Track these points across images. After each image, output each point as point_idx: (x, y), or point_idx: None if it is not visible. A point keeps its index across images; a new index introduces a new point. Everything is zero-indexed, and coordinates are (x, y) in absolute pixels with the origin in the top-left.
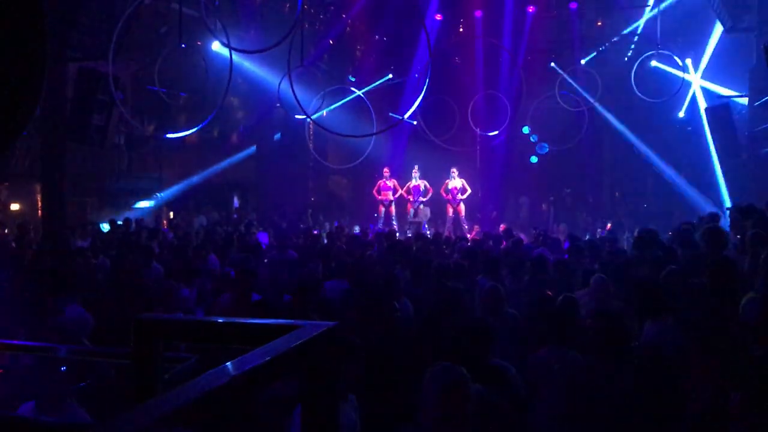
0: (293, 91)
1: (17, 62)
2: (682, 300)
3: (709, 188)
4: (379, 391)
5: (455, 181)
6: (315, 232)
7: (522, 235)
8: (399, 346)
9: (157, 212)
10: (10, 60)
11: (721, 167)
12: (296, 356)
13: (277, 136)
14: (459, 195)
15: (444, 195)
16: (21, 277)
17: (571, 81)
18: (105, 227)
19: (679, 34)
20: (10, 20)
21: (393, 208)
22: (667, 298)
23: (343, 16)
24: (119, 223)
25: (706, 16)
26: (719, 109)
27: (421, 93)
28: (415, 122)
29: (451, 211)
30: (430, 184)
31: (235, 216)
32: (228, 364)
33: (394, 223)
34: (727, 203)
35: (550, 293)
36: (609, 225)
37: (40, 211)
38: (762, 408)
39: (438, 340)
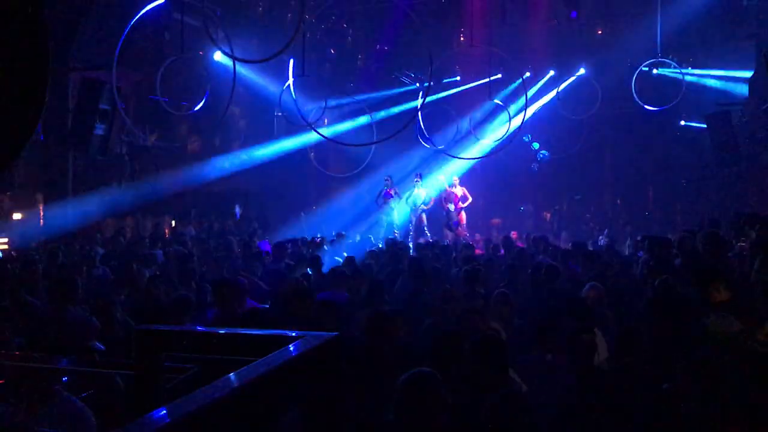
0: (295, 100)
1: (19, 74)
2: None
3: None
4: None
5: (456, 189)
6: (317, 240)
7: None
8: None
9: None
10: (12, 72)
11: (720, 175)
12: (298, 367)
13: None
14: (460, 203)
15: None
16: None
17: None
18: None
19: (681, 42)
20: (12, 31)
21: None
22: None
23: (344, 25)
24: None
25: (706, 24)
26: (719, 116)
27: (420, 102)
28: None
29: None
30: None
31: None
32: (230, 375)
33: (396, 231)
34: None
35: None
36: (606, 232)
37: (42, 221)
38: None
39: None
